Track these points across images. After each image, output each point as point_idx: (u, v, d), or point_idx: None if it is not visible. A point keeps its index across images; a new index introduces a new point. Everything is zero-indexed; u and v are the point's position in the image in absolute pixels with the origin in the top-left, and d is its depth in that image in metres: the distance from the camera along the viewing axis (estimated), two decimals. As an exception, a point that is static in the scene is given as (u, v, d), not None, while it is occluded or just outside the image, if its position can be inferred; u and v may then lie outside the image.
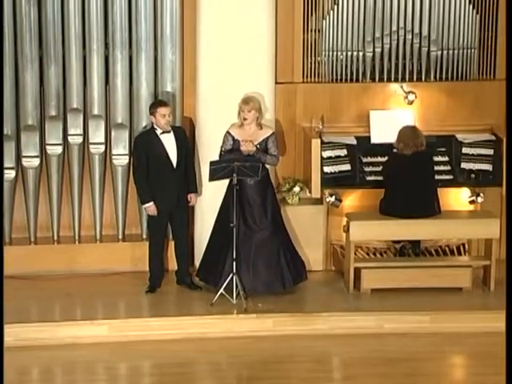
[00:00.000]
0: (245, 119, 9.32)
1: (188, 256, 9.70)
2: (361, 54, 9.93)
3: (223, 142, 9.41)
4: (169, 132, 9.33)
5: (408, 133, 9.43)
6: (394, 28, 9.87)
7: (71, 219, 10.07)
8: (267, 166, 9.42)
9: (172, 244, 9.72)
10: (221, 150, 9.40)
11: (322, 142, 9.64)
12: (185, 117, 9.97)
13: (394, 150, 9.53)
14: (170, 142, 9.34)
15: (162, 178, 9.32)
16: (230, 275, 9.14)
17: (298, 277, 9.47)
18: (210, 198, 9.71)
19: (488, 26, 10.02)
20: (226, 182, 9.26)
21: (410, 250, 9.80)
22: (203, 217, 9.88)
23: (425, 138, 9.47)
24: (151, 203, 9.37)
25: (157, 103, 9.40)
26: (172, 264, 9.76)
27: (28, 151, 9.82)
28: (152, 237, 9.62)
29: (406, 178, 9.39)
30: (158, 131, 9.32)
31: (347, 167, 9.76)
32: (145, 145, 9.36)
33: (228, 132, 9.40)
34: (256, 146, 9.29)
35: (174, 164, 9.35)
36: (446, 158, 9.83)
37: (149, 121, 9.49)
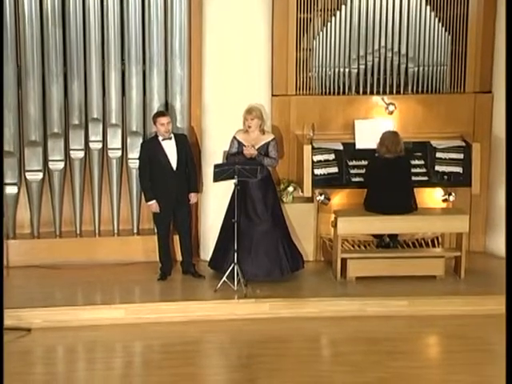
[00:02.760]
0: (249, 127, 9.35)
1: (191, 249, 9.67)
2: (347, 70, 9.94)
3: (230, 146, 9.44)
4: (170, 139, 9.33)
5: (390, 139, 9.41)
6: (376, 47, 9.88)
7: (92, 215, 10.08)
8: (269, 168, 9.44)
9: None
10: (227, 153, 9.41)
11: (313, 148, 9.64)
12: (192, 125, 9.97)
13: (376, 154, 9.54)
14: (170, 148, 9.33)
15: (163, 179, 9.32)
16: (232, 265, 9.15)
17: (294, 265, 9.48)
18: (214, 197, 9.72)
19: (458, 45, 10.03)
20: (230, 183, 9.25)
21: (390, 242, 9.84)
22: (209, 214, 9.89)
23: (404, 144, 9.48)
24: (154, 201, 9.37)
25: (157, 113, 9.41)
26: (180, 255, 9.75)
27: (54, 156, 9.83)
28: (158, 231, 9.62)
29: (387, 180, 9.39)
30: (160, 138, 9.32)
31: (335, 170, 9.76)
32: (148, 150, 9.36)
33: (234, 137, 9.43)
34: (259, 148, 9.31)
35: (174, 167, 9.34)
36: (421, 162, 9.83)
37: (158, 129, 9.53)
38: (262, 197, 9.37)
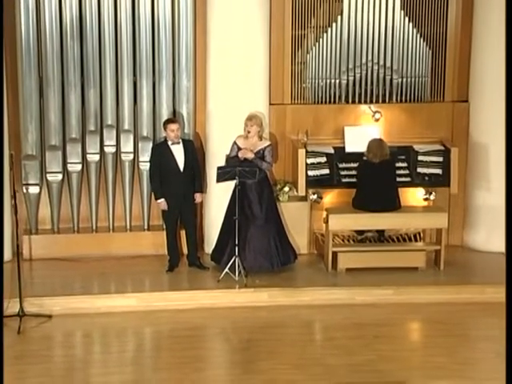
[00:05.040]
0: (248, 132, 9.33)
1: (196, 243, 9.65)
2: (337, 81, 9.93)
3: (230, 150, 9.41)
4: (178, 143, 9.32)
5: (376, 145, 9.41)
6: (364, 60, 9.88)
7: (106, 213, 10.06)
8: (266, 171, 9.43)
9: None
10: (228, 156, 9.39)
11: (307, 151, 9.63)
12: (197, 131, 9.96)
13: (364, 158, 9.54)
14: (178, 152, 9.32)
15: (171, 179, 9.31)
16: (233, 257, 9.14)
17: (285, 259, 9.43)
18: (217, 196, 9.71)
19: (438, 59, 10.03)
20: (230, 183, 9.24)
21: (373, 238, 9.83)
22: (212, 211, 9.87)
23: (389, 148, 9.48)
24: (162, 199, 9.36)
25: (167, 120, 9.40)
26: (186, 249, 9.72)
27: (72, 159, 9.82)
28: (167, 227, 9.59)
29: (374, 181, 9.39)
30: (169, 142, 9.31)
31: (326, 171, 9.75)
32: (158, 153, 9.35)
33: (234, 142, 9.40)
34: (256, 153, 9.29)
35: (181, 169, 9.32)
36: (405, 164, 9.83)
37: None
38: (258, 196, 9.35)
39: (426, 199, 10.04)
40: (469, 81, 10.00)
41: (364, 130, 9.89)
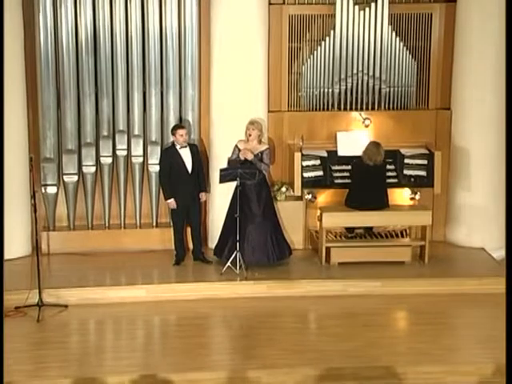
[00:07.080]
0: (250, 135, 9.37)
1: (201, 239, 9.66)
2: (330, 90, 9.95)
3: (232, 153, 9.44)
4: (185, 147, 9.36)
5: (373, 150, 9.40)
6: (355, 71, 9.89)
7: (118, 211, 10.09)
8: (264, 172, 9.47)
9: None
10: (229, 159, 9.42)
11: (302, 155, 9.66)
12: (201, 137, 10.00)
13: (360, 158, 9.54)
14: (186, 155, 9.35)
15: (180, 180, 9.33)
16: (235, 252, 9.18)
17: (281, 254, 9.45)
18: (219, 196, 9.74)
19: (423, 70, 10.04)
20: (232, 183, 9.27)
21: (363, 235, 9.85)
22: (215, 210, 9.91)
23: (384, 154, 9.47)
24: (172, 199, 9.39)
25: (176, 126, 9.42)
26: (191, 244, 9.75)
27: (87, 161, 9.85)
28: (174, 224, 9.59)
29: (366, 181, 9.41)
30: (178, 146, 9.35)
31: (320, 173, 9.77)
32: (167, 156, 9.38)
33: (236, 145, 9.43)
34: (255, 155, 9.32)
35: (189, 170, 9.36)
36: (392, 167, 9.83)
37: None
38: (257, 196, 9.36)
39: (411, 199, 10.06)
40: (451, 90, 10.02)
41: (355, 135, 9.91)
